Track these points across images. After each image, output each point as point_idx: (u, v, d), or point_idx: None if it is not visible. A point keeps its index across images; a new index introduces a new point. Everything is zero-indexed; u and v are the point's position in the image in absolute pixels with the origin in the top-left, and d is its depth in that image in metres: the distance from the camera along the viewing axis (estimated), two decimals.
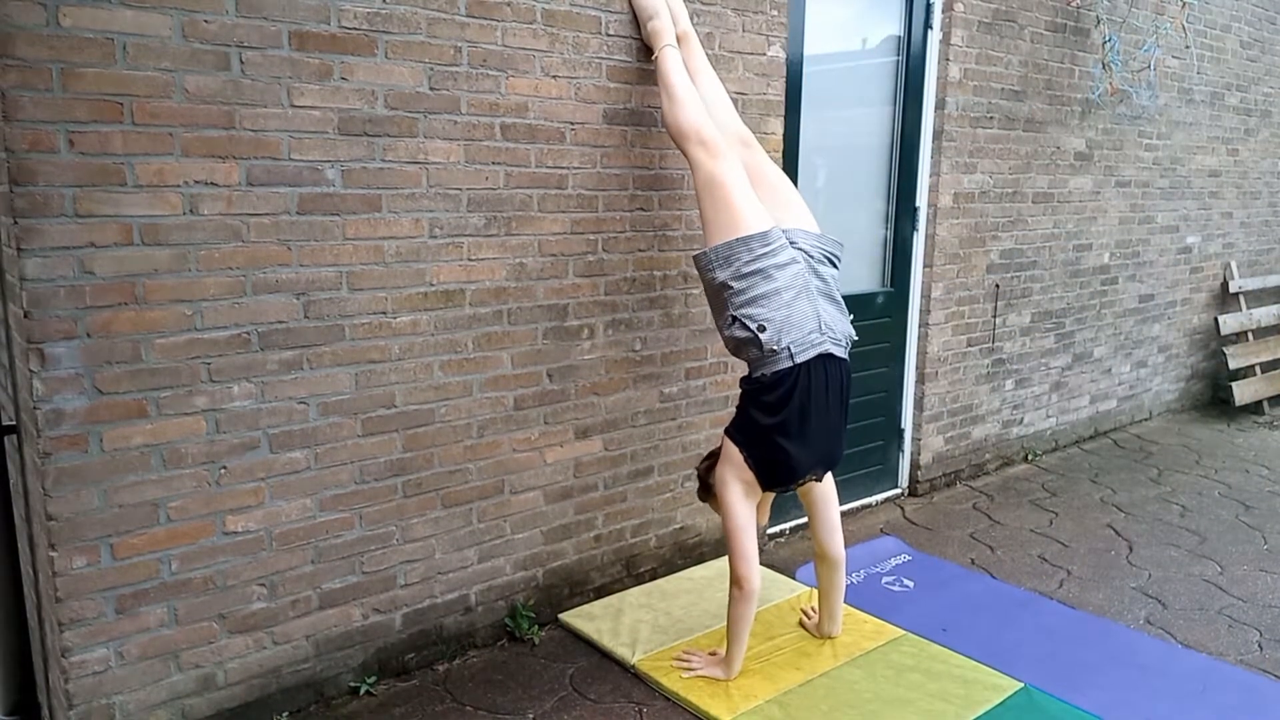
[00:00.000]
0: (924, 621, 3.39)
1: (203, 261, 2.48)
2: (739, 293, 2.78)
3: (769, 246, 2.78)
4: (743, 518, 2.90)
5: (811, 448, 2.88)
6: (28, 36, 2.16)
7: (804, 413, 2.81)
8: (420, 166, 2.82)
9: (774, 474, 2.89)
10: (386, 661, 3.02)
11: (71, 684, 2.44)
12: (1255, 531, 4.38)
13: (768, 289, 2.77)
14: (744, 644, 2.97)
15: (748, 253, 2.78)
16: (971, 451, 5.04)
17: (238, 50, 2.45)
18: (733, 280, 2.78)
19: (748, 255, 2.77)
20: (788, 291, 2.78)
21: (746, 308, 2.78)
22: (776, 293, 2.77)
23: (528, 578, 3.32)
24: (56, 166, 2.24)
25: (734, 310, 2.80)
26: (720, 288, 2.82)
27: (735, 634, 2.94)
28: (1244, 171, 6.59)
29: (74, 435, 2.35)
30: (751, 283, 2.77)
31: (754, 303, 2.77)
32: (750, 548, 2.89)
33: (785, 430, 2.82)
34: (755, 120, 3.66)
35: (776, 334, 2.75)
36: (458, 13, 2.82)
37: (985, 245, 4.81)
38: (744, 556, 2.88)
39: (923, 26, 4.38)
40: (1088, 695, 2.94)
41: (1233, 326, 6.54)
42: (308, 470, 2.75)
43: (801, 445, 2.85)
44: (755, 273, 2.77)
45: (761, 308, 2.76)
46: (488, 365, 3.07)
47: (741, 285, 2.78)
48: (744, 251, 2.78)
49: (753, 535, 2.91)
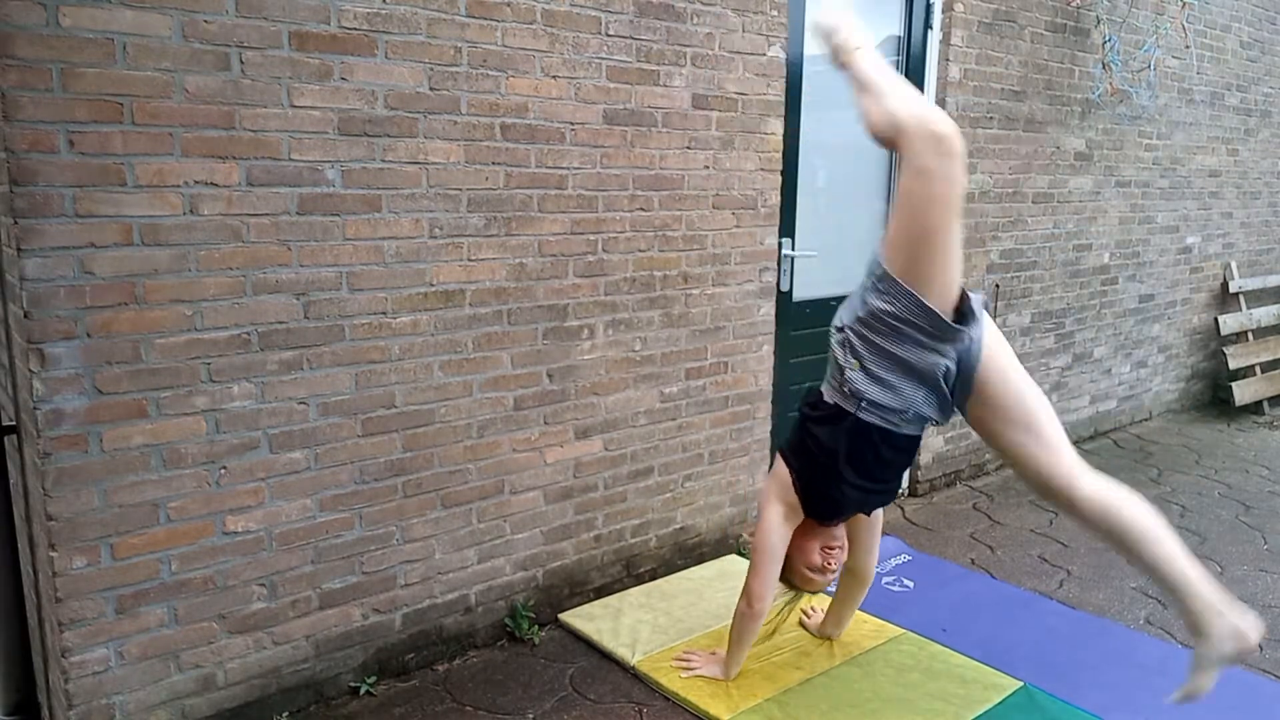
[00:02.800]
0: (924, 621, 3.39)
1: (203, 261, 2.48)
2: (879, 338, 2.41)
3: (941, 337, 2.34)
4: (775, 539, 2.73)
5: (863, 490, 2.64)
6: (28, 36, 2.16)
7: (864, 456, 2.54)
8: (420, 166, 2.82)
9: (818, 507, 2.71)
10: (386, 661, 3.02)
11: (71, 684, 2.44)
12: (1255, 531, 4.38)
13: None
14: (745, 652, 2.97)
15: (924, 328, 2.33)
16: (971, 451, 5.03)
17: (238, 50, 2.45)
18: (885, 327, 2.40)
19: (921, 333, 2.34)
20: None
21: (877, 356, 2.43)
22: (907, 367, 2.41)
23: (527, 578, 3.32)
24: (56, 166, 2.24)
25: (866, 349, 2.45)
26: (873, 316, 2.41)
27: (737, 643, 2.93)
28: (1244, 171, 6.59)
29: (74, 435, 2.35)
30: (897, 343, 2.39)
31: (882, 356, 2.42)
32: (772, 574, 2.77)
33: (842, 465, 2.56)
34: (755, 120, 3.66)
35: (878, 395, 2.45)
36: (458, 13, 2.82)
37: (985, 245, 4.81)
38: (764, 579, 2.77)
39: (923, 26, 4.38)
40: (1088, 695, 2.94)
41: (1233, 326, 6.54)
42: (308, 470, 2.75)
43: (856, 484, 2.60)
44: (913, 343, 2.37)
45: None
46: (488, 365, 3.07)
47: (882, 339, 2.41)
48: (924, 325, 2.33)
49: (779, 562, 2.77)
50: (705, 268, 3.61)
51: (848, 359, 2.48)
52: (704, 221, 3.57)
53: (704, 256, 3.60)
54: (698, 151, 3.50)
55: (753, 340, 3.85)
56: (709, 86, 3.49)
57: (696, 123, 3.48)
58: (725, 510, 3.90)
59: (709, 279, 3.63)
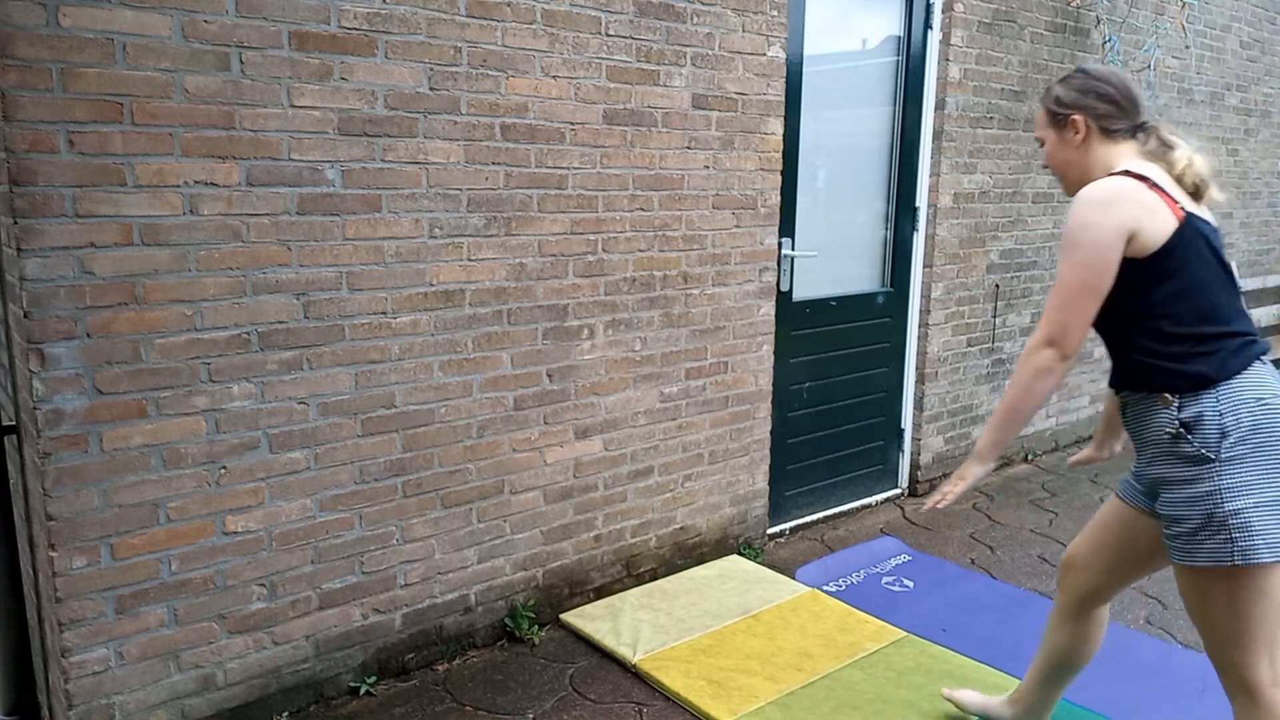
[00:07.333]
0: (924, 621, 3.39)
1: (203, 261, 2.48)
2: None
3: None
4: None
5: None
6: (28, 36, 2.16)
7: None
8: (420, 166, 2.82)
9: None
10: (386, 661, 3.02)
11: (71, 684, 2.44)
12: None
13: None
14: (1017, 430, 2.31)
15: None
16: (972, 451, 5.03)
17: (238, 50, 2.45)
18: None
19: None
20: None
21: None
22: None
23: (527, 578, 3.32)
24: (56, 166, 2.24)
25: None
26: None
27: (1016, 416, 2.25)
28: (1244, 171, 6.59)
29: (74, 435, 2.35)
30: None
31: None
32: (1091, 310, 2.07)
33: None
34: (755, 120, 3.66)
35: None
36: (458, 13, 2.82)
37: (985, 245, 4.81)
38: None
39: (923, 26, 4.38)
40: (1088, 695, 2.94)
41: None
42: (307, 470, 2.75)
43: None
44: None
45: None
46: (487, 365, 3.07)
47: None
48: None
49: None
50: (705, 268, 3.61)
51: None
52: (704, 221, 3.57)
53: (704, 256, 3.60)
54: (698, 151, 3.50)
55: (753, 340, 3.85)
56: (709, 86, 3.49)
57: (696, 123, 3.48)
58: (725, 510, 3.90)
59: (709, 279, 3.63)
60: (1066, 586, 2.41)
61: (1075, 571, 2.39)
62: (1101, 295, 2.02)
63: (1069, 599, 2.41)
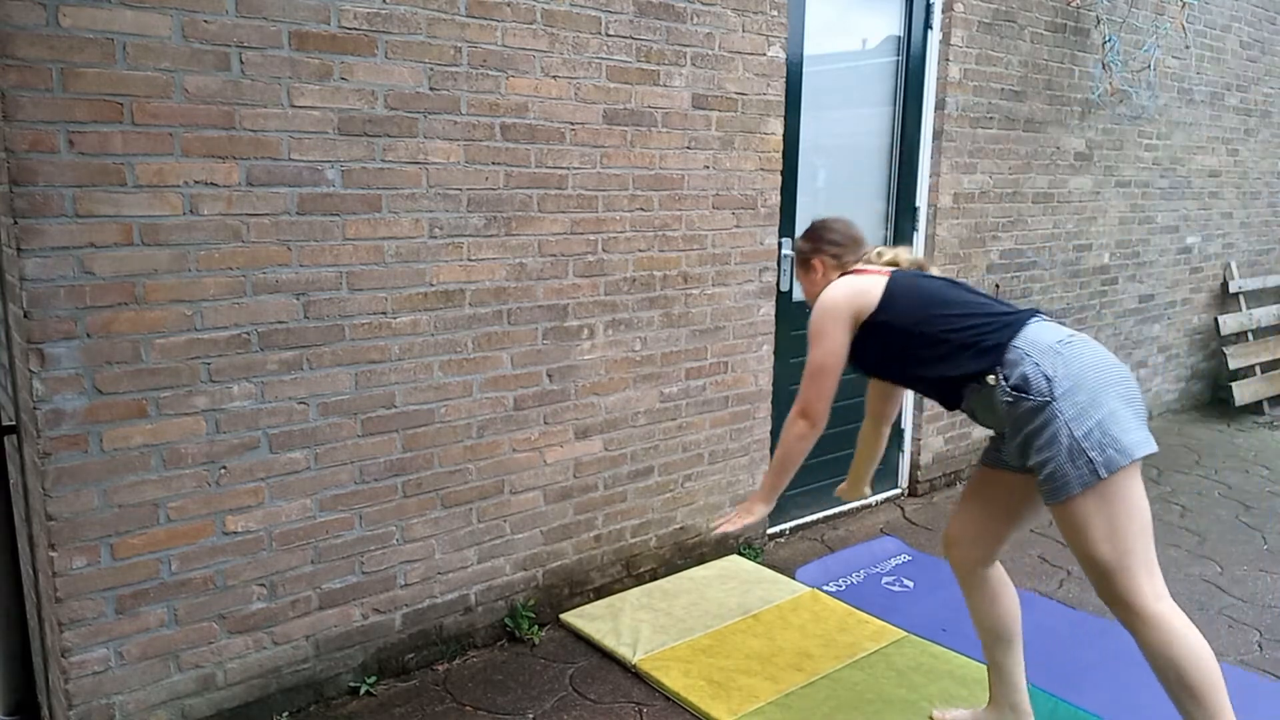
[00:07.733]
0: (924, 621, 3.39)
1: (203, 261, 2.48)
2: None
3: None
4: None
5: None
6: (28, 36, 2.16)
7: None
8: (420, 166, 2.82)
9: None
10: (386, 661, 3.02)
11: (71, 684, 2.44)
12: (1255, 531, 4.38)
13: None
14: (787, 481, 2.64)
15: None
16: (971, 452, 5.03)
17: (238, 50, 2.45)
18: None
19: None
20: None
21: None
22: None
23: (528, 578, 3.32)
24: (56, 166, 2.24)
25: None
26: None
27: (784, 469, 2.60)
28: (1244, 172, 6.59)
29: (74, 435, 2.35)
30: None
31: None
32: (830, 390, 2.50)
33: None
34: (755, 120, 3.66)
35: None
36: (458, 13, 2.82)
37: (985, 245, 4.81)
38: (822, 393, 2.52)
39: (923, 26, 4.38)
40: (1088, 695, 2.94)
41: (1233, 327, 6.54)
42: (308, 470, 2.75)
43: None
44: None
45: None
46: (487, 365, 3.07)
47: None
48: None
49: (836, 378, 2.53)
50: (705, 268, 3.61)
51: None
52: (704, 221, 3.57)
53: (704, 256, 3.60)
54: (698, 151, 3.50)
55: (753, 340, 3.85)
56: (709, 86, 3.49)
57: (696, 123, 3.48)
58: (725, 510, 3.90)
59: (709, 279, 3.63)
60: (953, 562, 2.62)
61: (955, 546, 2.60)
62: (837, 373, 2.45)
63: (960, 572, 2.61)
